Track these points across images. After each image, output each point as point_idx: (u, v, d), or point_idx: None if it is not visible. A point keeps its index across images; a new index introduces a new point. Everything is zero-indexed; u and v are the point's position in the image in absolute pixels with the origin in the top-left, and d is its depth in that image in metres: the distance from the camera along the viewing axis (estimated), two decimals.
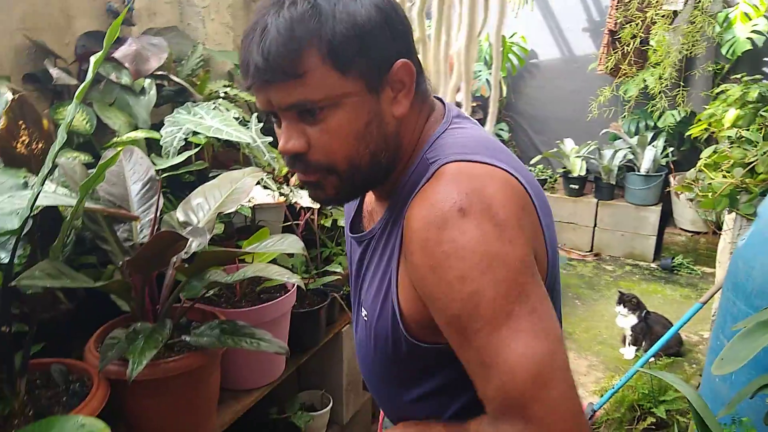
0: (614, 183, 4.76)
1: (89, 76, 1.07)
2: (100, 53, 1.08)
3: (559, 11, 5.08)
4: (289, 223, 2.14)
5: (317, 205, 2.07)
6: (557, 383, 0.72)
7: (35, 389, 1.32)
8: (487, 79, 5.01)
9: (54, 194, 1.25)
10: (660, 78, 3.84)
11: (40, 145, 1.38)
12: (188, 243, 1.36)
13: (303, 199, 2.06)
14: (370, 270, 0.96)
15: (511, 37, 5.01)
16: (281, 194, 2.02)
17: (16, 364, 1.24)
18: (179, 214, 1.53)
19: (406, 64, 0.83)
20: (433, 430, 0.90)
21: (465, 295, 0.74)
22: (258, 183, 1.93)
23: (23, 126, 1.34)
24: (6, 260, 1.14)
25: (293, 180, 2.21)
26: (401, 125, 0.87)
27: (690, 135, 3.05)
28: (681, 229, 4.67)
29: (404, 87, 0.85)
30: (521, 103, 5.42)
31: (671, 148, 4.59)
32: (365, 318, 0.98)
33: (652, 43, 4.10)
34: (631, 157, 4.67)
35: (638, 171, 4.61)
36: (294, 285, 1.83)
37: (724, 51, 4.12)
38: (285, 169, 2.25)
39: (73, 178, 1.47)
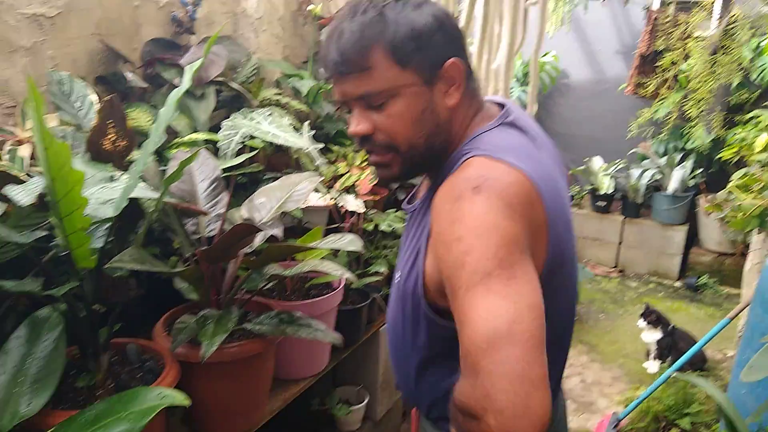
0: (641, 202, 4.82)
1: (185, 82, 1.19)
2: (197, 61, 1.20)
3: (593, 33, 5.18)
4: (334, 225, 2.25)
5: (362, 209, 2.18)
6: (512, 345, 0.75)
7: (113, 366, 1.44)
8: (519, 96, 5.11)
9: (140, 188, 1.37)
10: (698, 102, 3.93)
11: (123, 143, 1.51)
12: (254, 238, 1.48)
13: (349, 202, 2.17)
14: (408, 238, 1.09)
15: (544, 56, 5.11)
16: (330, 197, 2.13)
17: (101, 341, 1.36)
18: (243, 212, 1.65)
19: (456, 63, 0.97)
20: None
21: (457, 254, 0.83)
22: None
23: (111, 125, 1.47)
24: (100, 245, 1.26)
25: (338, 185, 2.33)
26: (452, 116, 1.00)
27: (719, 158, 3.12)
28: (707, 249, 4.71)
29: (455, 82, 0.99)
30: (551, 121, 5.51)
31: (700, 170, 4.64)
32: (398, 280, 1.10)
33: (682, 67, 4.18)
34: (658, 177, 4.73)
35: (665, 191, 4.67)
36: (341, 283, 1.95)
37: (753, 77, 4.19)
38: (330, 174, 2.38)
39: (147, 173, 1.60)
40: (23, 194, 1.15)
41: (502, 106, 1.10)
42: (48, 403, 1.21)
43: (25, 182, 1.24)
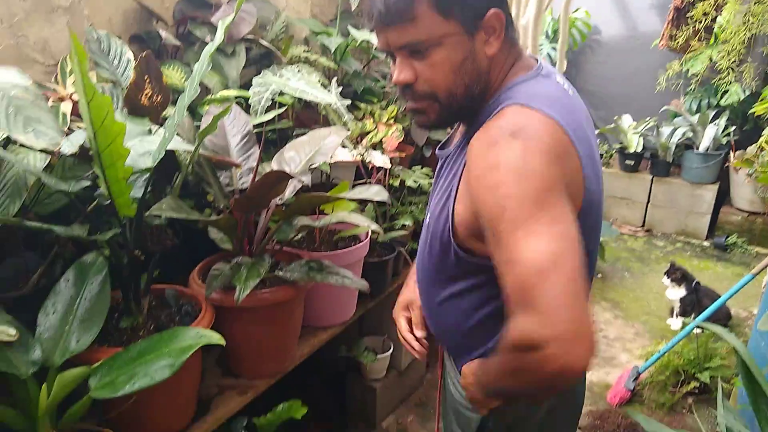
0: (671, 161, 4.77)
1: (218, 37, 1.24)
2: (229, 17, 1.24)
3: None
4: (361, 181, 2.31)
5: (389, 165, 2.23)
6: (560, 277, 0.82)
7: (153, 309, 1.54)
8: (548, 53, 5.05)
9: (176, 140, 1.43)
10: (728, 53, 3.84)
11: (159, 98, 1.57)
12: (285, 188, 1.55)
13: (376, 158, 2.22)
14: (440, 181, 1.15)
15: (575, 11, 5.02)
16: (358, 153, 2.18)
17: (142, 285, 1.45)
18: (274, 165, 1.71)
19: (497, 13, 1.00)
20: (489, 362, 1.05)
21: (499, 198, 0.89)
22: None
23: (147, 81, 1.53)
24: (140, 194, 1.34)
25: (365, 141, 2.38)
26: (491, 65, 1.04)
27: (753, 113, 3.07)
28: (737, 208, 4.66)
29: (495, 32, 1.02)
30: (581, 79, 5.43)
31: (733, 127, 4.56)
32: (428, 221, 1.17)
33: (719, 20, 4.07)
34: (690, 135, 4.66)
35: (697, 149, 4.61)
36: (368, 235, 2.01)
37: None
38: (358, 131, 2.42)
39: (182, 128, 1.66)
40: (67, 145, 1.23)
41: (536, 60, 1.13)
42: (95, 341, 1.30)
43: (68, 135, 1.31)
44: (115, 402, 1.26)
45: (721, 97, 4.45)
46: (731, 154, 4.48)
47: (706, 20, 3.99)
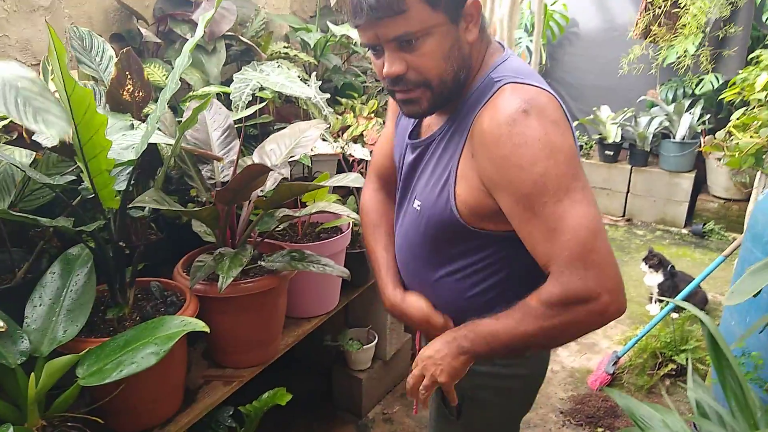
0: (649, 150, 4.86)
1: (199, 32, 1.28)
2: (209, 14, 1.28)
3: None
4: (342, 174, 2.34)
5: (369, 157, 2.27)
6: (605, 238, 1.00)
7: (138, 301, 1.57)
8: (527, 46, 5.11)
9: (158, 134, 1.47)
10: (688, 37, 3.94)
11: (140, 94, 1.60)
12: (265, 180, 1.58)
13: (356, 151, 2.26)
14: (428, 168, 1.20)
15: (553, 4, 5.09)
16: (338, 146, 2.22)
17: (127, 277, 1.48)
18: (255, 158, 1.74)
19: (475, 1, 1.07)
20: (482, 324, 1.11)
21: (535, 176, 0.99)
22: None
23: (129, 76, 1.56)
24: (123, 187, 1.37)
25: (346, 135, 2.42)
26: (471, 50, 1.11)
27: (725, 100, 3.15)
28: (714, 196, 4.77)
29: (473, 19, 1.08)
30: (559, 71, 5.51)
31: (708, 116, 4.66)
32: (417, 207, 1.23)
33: (692, 9, 4.16)
34: (667, 124, 4.75)
35: (674, 138, 4.70)
36: (349, 226, 2.05)
37: (764, 18, 4.16)
38: (339, 124, 2.46)
39: (164, 123, 1.69)
40: (48, 139, 1.25)
41: (499, 43, 1.21)
42: (82, 332, 1.34)
43: None
44: (103, 391, 1.29)
45: (696, 86, 4.54)
46: (701, 140, 4.57)
47: (665, 6, 4.07)
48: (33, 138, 1.33)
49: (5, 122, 1.42)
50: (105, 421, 1.33)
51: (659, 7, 4.12)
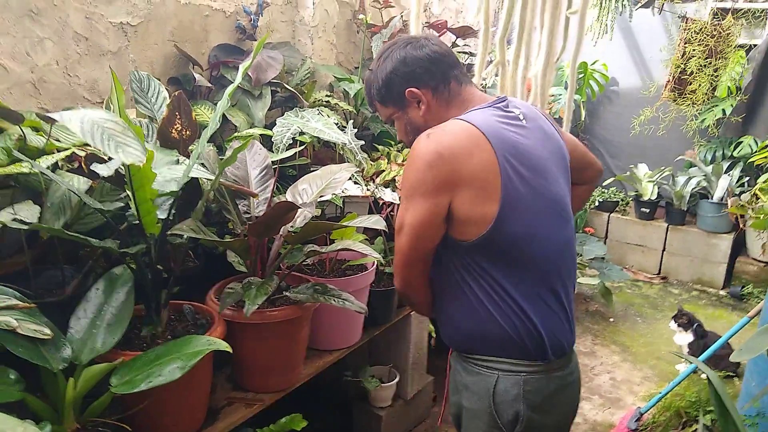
0: (686, 209, 4.85)
1: (238, 78, 1.43)
2: (247, 62, 1.44)
3: (643, 41, 5.24)
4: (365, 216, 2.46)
5: (398, 201, 2.39)
6: (404, 235, 1.35)
7: (171, 322, 1.70)
8: (564, 103, 5.21)
9: (199, 169, 1.62)
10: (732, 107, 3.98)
11: (188, 132, 1.77)
12: (295, 217, 1.72)
13: (386, 194, 2.38)
14: None
15: (593, 64, 5.20)
16: (368, 189, 2.35)
17: (162, 299, 1.62)
18: (288, 196, 1.88)
19: (412, 91, 1.43)
20: None
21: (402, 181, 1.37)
22: (350, 178, 2.28)
23: (178, 116, 1.73)
24: (164, 215, 1.52)
25: (378, 179, 2.55)
26: (428, 119, 1.45)
27: (755, 164, 3.17)
28: (753, 258, 4.70)
29: (416, 101, 1.45)
30: (598, 128, 5.59)
31: (747, 178, 4.64)
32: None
33: (732, 74, 4.22)
34: (705, 184, 4.75)
35: (711, 199, 4.68)
36: (374, 264, 2.16)
37: None
38: (372, 169, 2.60)
39: (208, 160, 1.85)
40: (104, 169, 1.41)
41: (503, 99, 1.41)
42: (118, 345, 1.47)
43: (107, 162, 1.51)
44: (133, 401, 1.41)
45: (734, 148, 4.54)
46: (728, 202, 4.55)
47: (704, 73, 4.15)
48: (90, 168, 1.49)
49: (68, 152, 1.59)
50: (133, 431, 1.45)
51: (690, 74, 4.20)
